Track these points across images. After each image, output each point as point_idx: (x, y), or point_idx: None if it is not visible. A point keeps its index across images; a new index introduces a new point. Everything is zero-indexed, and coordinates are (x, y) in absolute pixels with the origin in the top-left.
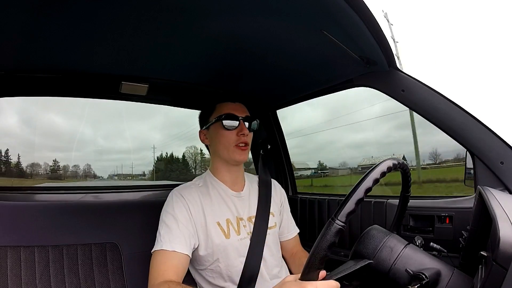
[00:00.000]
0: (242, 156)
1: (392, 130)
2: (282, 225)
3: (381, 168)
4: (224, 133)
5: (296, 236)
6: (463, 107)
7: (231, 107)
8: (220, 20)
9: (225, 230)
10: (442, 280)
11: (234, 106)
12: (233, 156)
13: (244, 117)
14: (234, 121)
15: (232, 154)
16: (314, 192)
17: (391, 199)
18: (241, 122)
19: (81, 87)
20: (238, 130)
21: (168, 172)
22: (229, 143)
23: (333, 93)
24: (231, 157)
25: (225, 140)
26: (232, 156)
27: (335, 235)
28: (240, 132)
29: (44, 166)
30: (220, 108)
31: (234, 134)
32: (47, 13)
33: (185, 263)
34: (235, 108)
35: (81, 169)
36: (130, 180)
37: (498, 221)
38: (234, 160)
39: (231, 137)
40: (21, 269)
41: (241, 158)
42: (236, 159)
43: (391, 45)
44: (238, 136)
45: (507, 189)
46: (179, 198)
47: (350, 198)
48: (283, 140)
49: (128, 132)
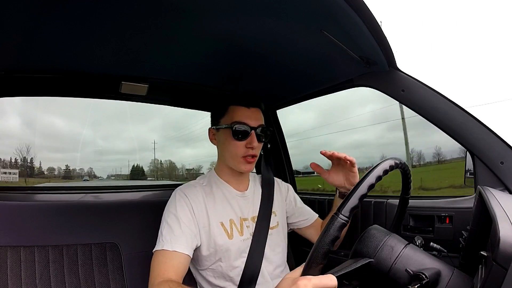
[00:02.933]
0: (247, 167)
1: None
2: (296, 215)
3: (383, 166)
4: (233, 143)
5: (317, 220)
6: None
7: (244, 114)
8: (220, 20)
9: (228, 231)
10: (442, 280)
11: (248, 113)
12: (238, 167)
13: (257, 127)
14: (245, 131)
15: (238, 165)
16: (314, 192)
17: (391, 199)
18: (253, 134)
19: (81, 87)
20: (247, 142)
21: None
22: (237, 154)
23: (333, 93)
24: (236, 167)
25: (233, 150)
26: (238, 167)
27: (339, 229)
28: (249, 145)
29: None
30: (232, 112)
31: (243, 145)
32: (47, 13)
33: (185, 263)
34: (248, 115)
35: (85, 171)
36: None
37: (498, 221)
38: (240, 170)
39: (240, 148)
40: (21, 269)
41: (246, 169)
42: (241, 170)
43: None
44: (247, 148)
45: (507, 189)
46: (182, 197)
47: (353, 193)
48: (283, 140)
49: (127, 133)
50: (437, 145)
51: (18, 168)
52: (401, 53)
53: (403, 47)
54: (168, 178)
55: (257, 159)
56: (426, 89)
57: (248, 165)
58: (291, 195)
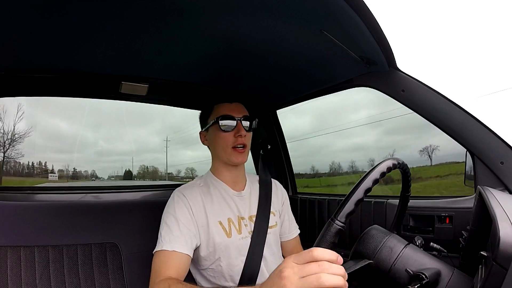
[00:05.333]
0: (240, 158)
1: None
2: (283, 225)
3: (380, 168)
4: (221, 135)
5: (296, 237)
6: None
7: (228, 108)
8: (220, 20)
9: (226, 229)
10: (442, 280)
11: (231, 107)
12: (231, 158)
13: (242, 117)
14: (231, 122)
15: (230, 156)
16: (314, 192)
17: (391, 199)
18: (239, 123)
19: (81, 87)
20: (235, 132)
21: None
22: (227, 145)
23: (333, 93)
24: (229, 159)
25: (223, 142)
26: (230, 158)
27: (335, 235)
28: (237, 134)
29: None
30: (217, 109)
31: (231, 135)
32: (47, 13)
33: (186, 263)
34: (232, 108)
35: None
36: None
37: (498, 221)
38: (233, 162)
39: (229, 139)
40: (21, 269)
41: (238, 160)
42: (234, 161)
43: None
44: (236, 138)
45: (507, 189)
46: (181, 198)
47: (349, 198)
48: (283, 140)
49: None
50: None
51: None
52: (401, 53)
53: (403, 47)
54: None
55: (248, 150)
56: (426, 89)
57: (240, 156)
58: (286, 203)
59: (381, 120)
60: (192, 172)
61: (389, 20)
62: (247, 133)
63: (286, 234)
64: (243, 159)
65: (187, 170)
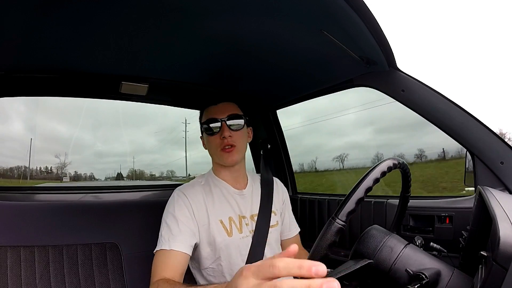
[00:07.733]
0: (229, 158)
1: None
2: (284, 223)
3: (381, 167)
4: (209, 139)
5: (296, 235)
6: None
7: (212, 111)
8: (220, 20)
9: (227, 228)
10: (442, 280)
11: (216, 109)
12: (222, 160)
13: (226, 117)
14: (215, 124)
15: (220, 159)
16: (314, 192)
17: (391, 199)
18: (223, 124)
19: (81, 87)
20: (220, 133)
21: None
22: (215, 148)
23: (333, 93)
24: (221, 160)
25: (212, 145)
26: (221, 160)
27: (336, 234)
28: (222, 135)
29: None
30: (205, 113)
31: (217, 138)
32: (46, 13)
33: (183, 262)
34: (216, 111)
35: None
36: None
37: (498, 221)
38: (224, 163)
39: (216, 142)
40: (21, 269)
41: (228, 160)
42: (225, 162)
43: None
44: (221, 140)
45: (507, 189)
46: (181, 197)
47: (350, 197)
48: (283, 140)
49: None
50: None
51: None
52: (401, 53)
53: (403, 47)
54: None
55: (239, 149)
56: (426, 89)
57: (229, 156)
58: (287, 201)
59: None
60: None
61: (389, 20)
62: (234, 132)
63: (286, 233)
64: (233, 159)
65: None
